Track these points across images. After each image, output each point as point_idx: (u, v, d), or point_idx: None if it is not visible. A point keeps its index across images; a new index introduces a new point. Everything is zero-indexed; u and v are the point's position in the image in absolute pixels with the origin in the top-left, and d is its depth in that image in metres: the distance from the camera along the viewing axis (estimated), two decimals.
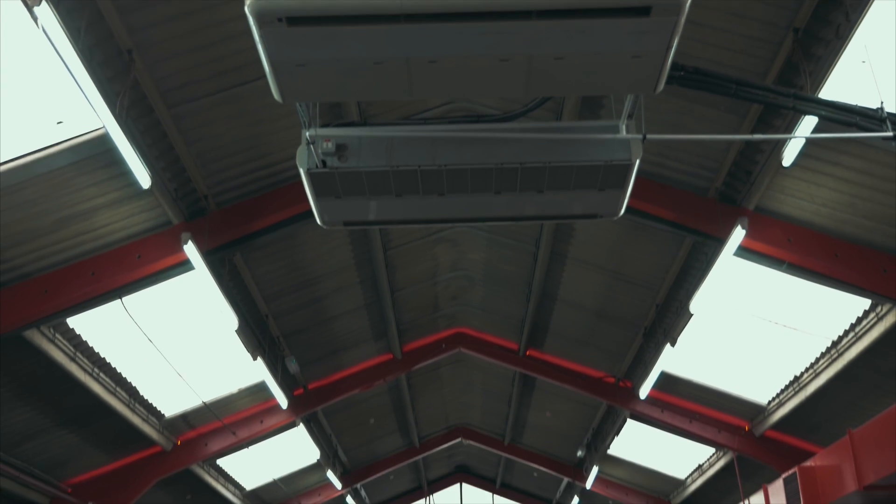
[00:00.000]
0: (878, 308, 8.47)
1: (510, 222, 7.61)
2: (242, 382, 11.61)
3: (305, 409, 12.60)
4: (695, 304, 8.68)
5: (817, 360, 9.88)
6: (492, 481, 21.27)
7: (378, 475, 17.68)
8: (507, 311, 12.20)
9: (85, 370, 9.35)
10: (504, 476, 20.60)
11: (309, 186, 5.52)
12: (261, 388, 11.54)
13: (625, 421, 13.51)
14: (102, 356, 9.49)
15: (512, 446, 17.34)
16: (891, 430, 7.89)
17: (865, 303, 8.61)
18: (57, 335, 8.67)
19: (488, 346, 13.10)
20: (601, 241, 9.59)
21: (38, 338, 8.38)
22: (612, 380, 12.54)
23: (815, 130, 6.04)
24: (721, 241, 7.81)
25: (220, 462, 13.73)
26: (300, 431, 13.15)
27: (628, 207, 5.87)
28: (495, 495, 21.58)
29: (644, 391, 11.41)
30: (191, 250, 7.40)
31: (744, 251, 7.95)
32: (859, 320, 8.88)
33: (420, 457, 17.98)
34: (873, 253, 7.72)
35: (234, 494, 15.06)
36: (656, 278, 9.85)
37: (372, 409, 14.78)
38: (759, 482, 11.19)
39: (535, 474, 18.62)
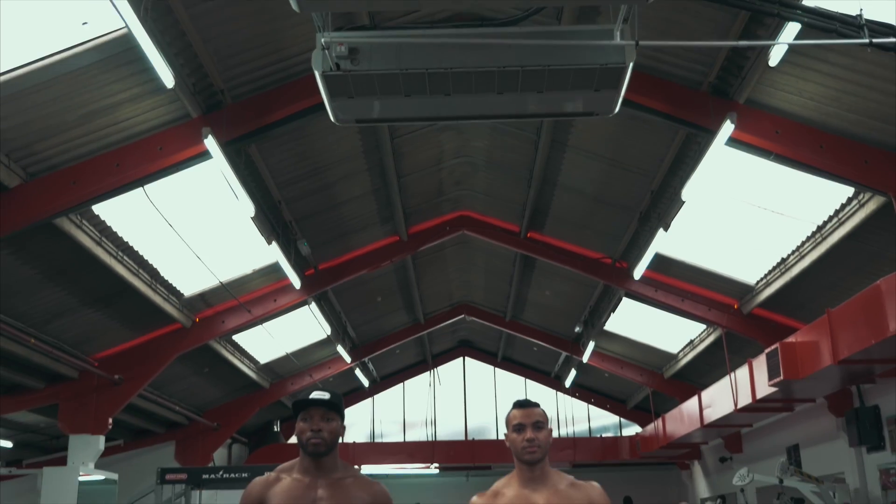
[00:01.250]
0: (861, 196, 8.93)
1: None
2: (257, 264, 12.18)
3: (316, 289, 13.21)
4: (686, 192, 9.16)
5: (803, 243, 10.39)
6: (493, 355, 22.08)
7: (385, 349, 18.45)
8: (509, 196, 12.65)
9: (110, 253, 9.89)
10: (505, 350, 21.37)
11: (324, 88, 5.92)
12: (274, 268, 12.07)
13: (620, 299, 14.12)
14: (126, 240, 10.01)
15: (513, 322, 18.02)
16: (864, 310, 8.50)
17: (849, 190, 9.04)
18: (84, 221, 9.17)
19: (491, 228, 13.58)
20: (600, 131, 9.95)
21: (66, 224, 8.88)
22: (608, 261, 13.07)
23: (799, 35, 6.37)
24: (712, 133, 8.21)
25: (236, 338, 14.45)
26: (311, 309, 13.77)
27: (626, 100, 6.30)
28: (497, 368, 22.38)
29: (638, 272, 11.97)
30: (211, 143, 7.84)
31: (734, 142, 8.35)
32: (843, 206, 9.34)
33: (425, 332, 18.72)
34: (856, 144, 8.12)
35: (248, 367, 15.87)
36: (651, 166, 10.26)
37: (379, 287, 15.39)
38: (746, 356, 11.84)
39: (535, 349, 19.34)
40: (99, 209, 9.16)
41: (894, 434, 11.01)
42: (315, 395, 3.53)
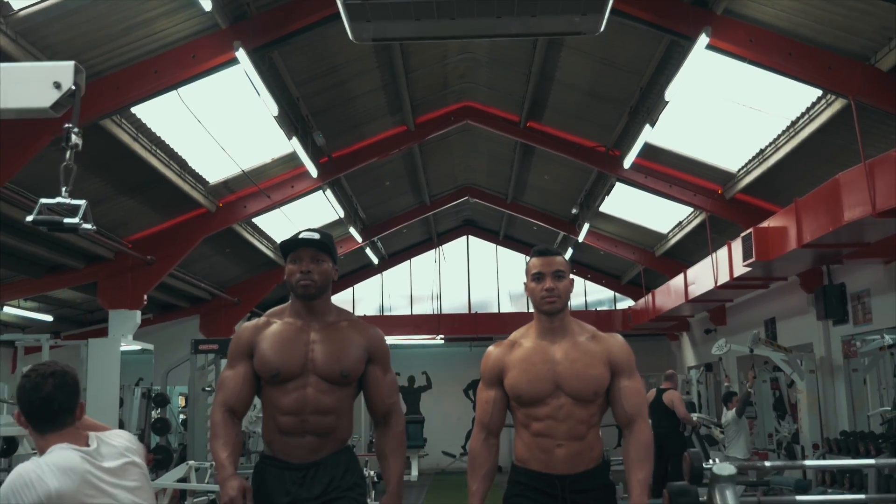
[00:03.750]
0: (828, 96, 9.81)
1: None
2: (275, 153, 13.14)
3: (330, 176, 14.16)
4: (670, 93, 10.04)
5: (778, 136, 11.28)
6: (496, 234, 23.10)
7: (393, 230, 19.56)
8: (510, 89, 13.45)
9: (144, 147, 10.84)
10: (507, 229, 22.36)
11: (344, 13, 6.81)
12: (292, 157, 13.00)
13: (614, 184, 15.04)
14: (159, 136, 10.95)
15: (514, 204, 19.00)
16: (825, 200, 9.50)
17: (817, 90, 9.92)
18: (122, 120, 10.09)
19: (492, 118, 14.39)
20: None
21: (107, 123, 9.80)
22: (602, 149, 13.95)
23: None
24: (692, 41, 9.05)
25: (256, 220, 15.50)
26: (326, 195, 14.75)
27: (614, 9, 7.16)
28: (499, 246, 23.40)
29: (628, 161, 12.88)
30: (241, 54, 8.73)
31: (712, 48, 9.19)
32: (813, 104, 10.20)
33: (431, 213, 19.76)
34: (821, 52, 8.93)
35: (267, 247, 16.99)
36: (640, 66, 11.05)
37: (388, 173, 16.32)
38: (732, 236, 12.75)
39: (535, 228, 20.29)
40: (136, 109, 10.07)
41: (857, 308, 12.17)
42: (304, 234, 3.40)
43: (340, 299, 22.14)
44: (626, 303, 22.67)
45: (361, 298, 23.24)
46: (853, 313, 12.25)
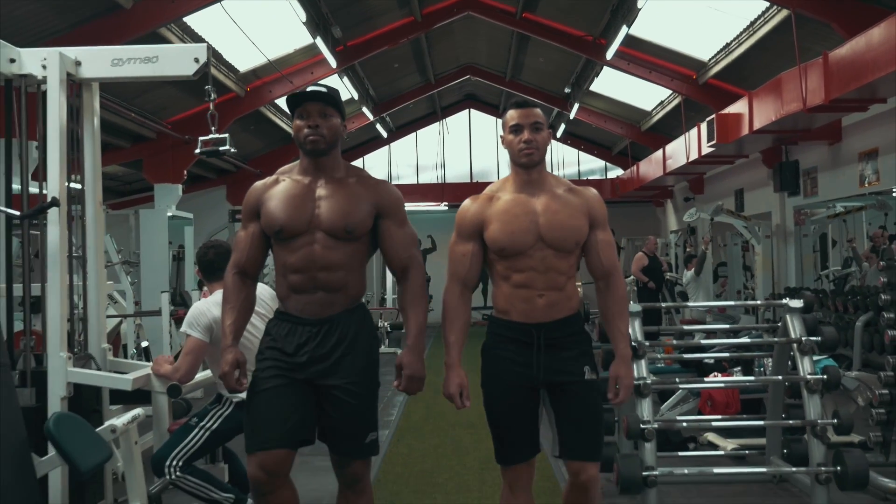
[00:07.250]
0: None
1: None
2: (297, 45, 14.74)
3: (346, 63, 15.75)
4: (641, 1, 11.63)
5: (740, 33, 12.89)
6: (496, 107, 24.58)
7: (401, 106, 21.17)
8: None
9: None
10: (506, 104, 23.73)
11: None
12: (311, 47, 14.50)
13: (601, 69, 16.64)
14: (200, 34, 12.55)
15: (512, 82, 20.54)
16: (771, 94, 11.23)
17: None
18: (172, 25, 11.70)
19: (492, 9, 15.85)
20: None
21: (162, 31, 11.43)
22: (590, 38, 15.49)
23: None
24: None
25: (279, 102, 17.13)
26: (343, 82, 16.34)
27: None
28: (498, 119, 24.39)
29: (610, 53, 14.47)
30: None
31: None
32: (767, 9, 11.82)
33: (435, 91, 21.34)
34: None
35: (286, 124, 18.62)
36: None
37: (396, 57, 17.76)
38: (706, 115, 14.27)
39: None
40: None
41: (807, 182, 14.00)
42: (311, 88, 3.30)
43: None
44: (616, 172, 24.35)
45: (371, 168, 24.83)
46: (803, 186, 14.09)
